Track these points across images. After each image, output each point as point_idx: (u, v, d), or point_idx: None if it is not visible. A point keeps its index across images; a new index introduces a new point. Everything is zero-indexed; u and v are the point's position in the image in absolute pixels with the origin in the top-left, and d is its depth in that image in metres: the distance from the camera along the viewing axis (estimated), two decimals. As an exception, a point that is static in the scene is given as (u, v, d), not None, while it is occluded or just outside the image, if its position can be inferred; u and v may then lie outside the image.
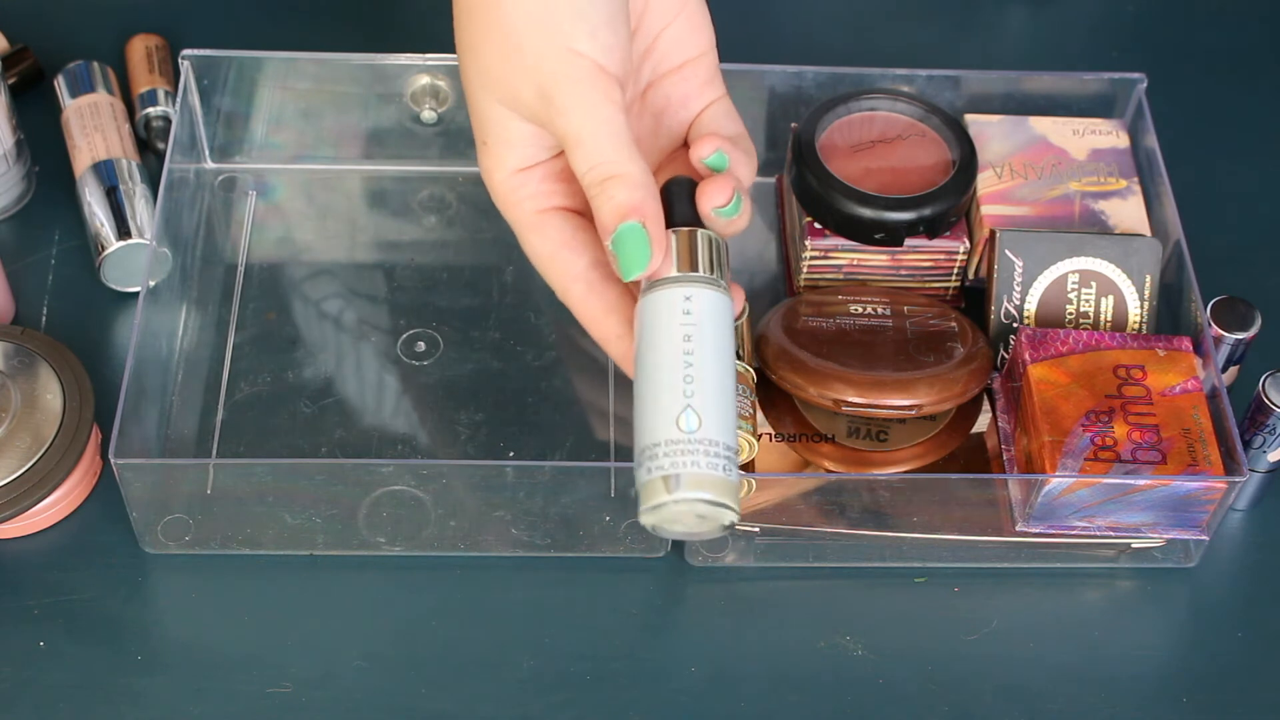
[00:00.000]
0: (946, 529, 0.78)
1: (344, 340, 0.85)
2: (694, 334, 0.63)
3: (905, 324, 0.82)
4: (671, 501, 0.62)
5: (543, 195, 0.68)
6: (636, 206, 0.63)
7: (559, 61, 0.63)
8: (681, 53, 0.69)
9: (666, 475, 0.62)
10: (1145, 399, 0.77)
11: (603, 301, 0.67)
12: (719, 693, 0.75)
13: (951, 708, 0.75)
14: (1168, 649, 0.78)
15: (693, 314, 0.64)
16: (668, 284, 0.64)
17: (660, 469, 0.62)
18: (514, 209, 0.68)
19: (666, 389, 0.63)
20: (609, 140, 0.64)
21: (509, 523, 0.77)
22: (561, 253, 0.67)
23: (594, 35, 0.64)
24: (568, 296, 0.68)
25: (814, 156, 0.84)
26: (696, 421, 0.62)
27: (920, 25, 1.01)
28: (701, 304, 0.64)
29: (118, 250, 0.84)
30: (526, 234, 0.68)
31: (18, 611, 0.76)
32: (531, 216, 0.67)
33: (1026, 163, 0.86)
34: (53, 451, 0.77)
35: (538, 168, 0.67)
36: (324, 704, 0.74)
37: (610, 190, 0.63)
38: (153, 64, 0.93)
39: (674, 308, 0.64)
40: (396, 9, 0.99)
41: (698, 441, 0.62)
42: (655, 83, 0.69)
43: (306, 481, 0.76)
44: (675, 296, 0.64)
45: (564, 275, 0.67)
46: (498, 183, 0.68)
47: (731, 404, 0.64)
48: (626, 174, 0.63)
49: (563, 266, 0.67)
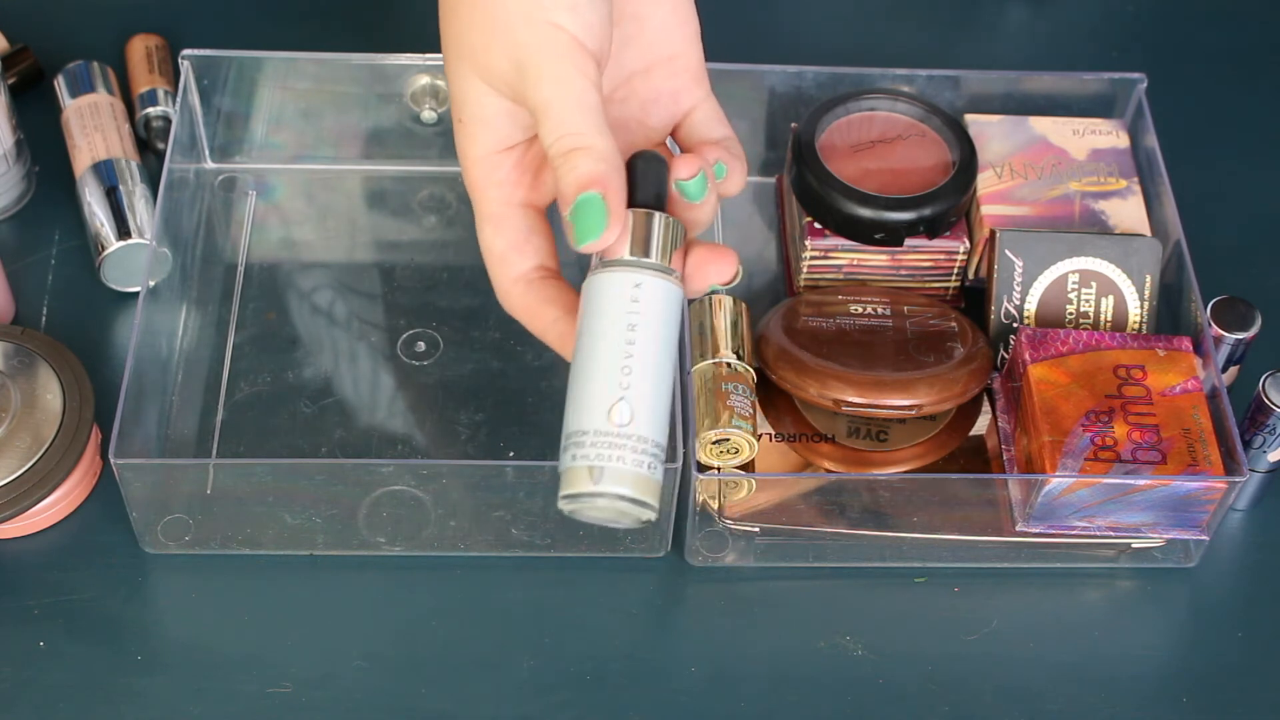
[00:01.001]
0: (946, 529, 0.78)
1: (344, 340, 0.85)
2: (639, 324, 0.62)
3: (905, 324, 0.82)
4: (591, 494, 0.61)
5: (511, 184, 0.67)
6: (599, 178, 0.62)
7: (537, 33, 0.63)
8: (669, 44, 0.69)
9: (591, 466, 0.61)
10: (1145, 399, 0.77)
11: (540, 295, 0.67)
12: (719, 693, 0.75)
13: (951, 708, 0.75)
14: (1168, 649, 0.78)
15: (640, 302, 0.62)
16: (620, 266, 0.63)
17: (585, 458, 0.61)
18: (482, 196, 0.67)
19: (603, 377, 0.62)
20: (579, 111, 0.63)
21: (509, 523, 0.77)
22: (511, 254, 0.67)
23: (574, 10, 0.64)
24: (508, 297, 0.67)
25: (814, 156, 0.84)
26: (629, 415, 0.61)
27: (920, 25, 1.01)
28: (651, 293, 0.63)
29: (118, 250, 0.84)
30: (485, 225, 0.68)
31: (18, 611, 0.76)
32: (496, 207, 0.67)
33: (1026, 163, 0.86)
34: (53, 451, 0.77)
35: (511, 152, 0.67)
36: (324, 704, 0.74)
37: (574, 160, 0.63)
38: (153, 64, 0.93)
39: (622, 294, 0.63)
40: (396, 9, 0.99)
41: (627, 436, 0.61)
42: (643, 72, 0.69)
43: (306, 481, 0.76)
44: (625, 281, 0.63)
45: (507, 276, 0.67)
46: (472, 162, 0.67)
47: (666, 401, 0.63)
48: (593, 146, 0.63)
49: (509, 267, 0.67)
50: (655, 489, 0.62)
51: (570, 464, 0.61)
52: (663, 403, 0.62)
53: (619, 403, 0.61)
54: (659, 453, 0.62)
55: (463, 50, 0.66)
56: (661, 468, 0.62)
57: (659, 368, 0.62)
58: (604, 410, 0.61)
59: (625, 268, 0.63)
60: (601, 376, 0.62)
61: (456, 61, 0.66)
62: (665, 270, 0.63)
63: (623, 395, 0.61)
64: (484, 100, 0.66)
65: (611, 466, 0.61)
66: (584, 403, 0.62)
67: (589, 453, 0.61)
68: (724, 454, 0.77)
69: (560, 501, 0.62)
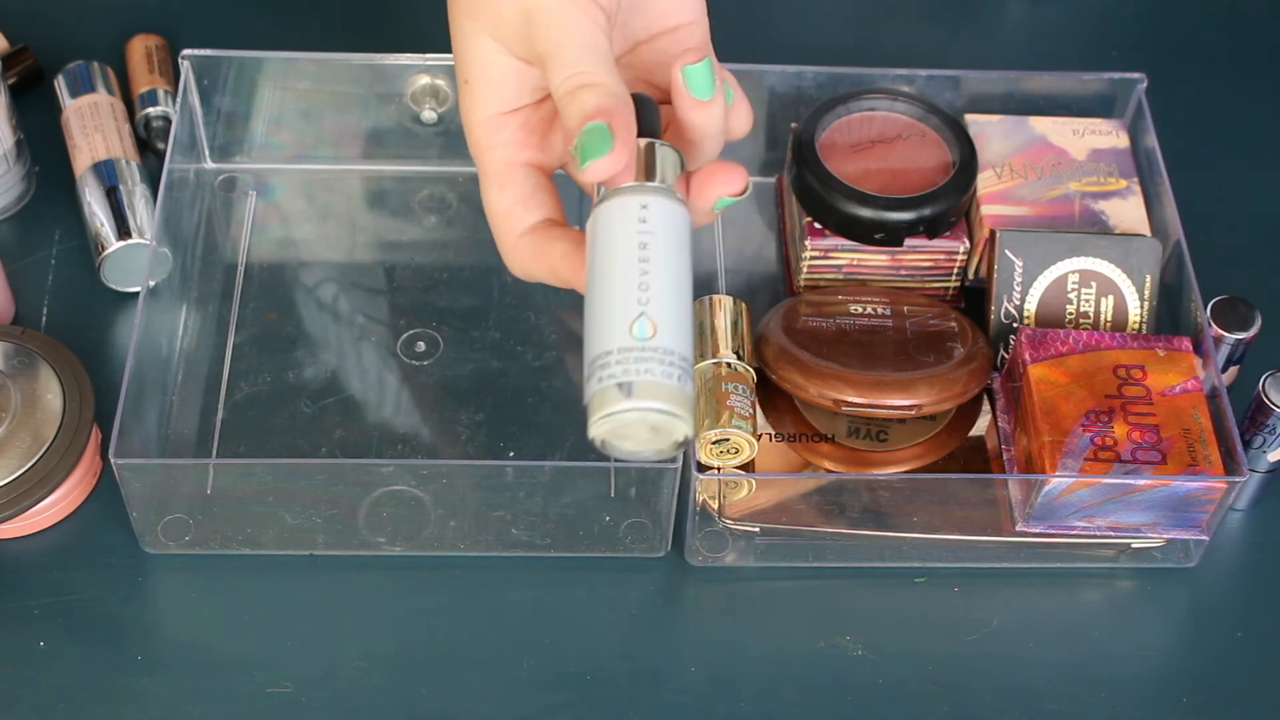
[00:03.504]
0: (946, 529, 0.78)
1: (344, 340, 0.85)
2: (650, 242, 0.61)
3: (905, 324, 0.82)
4: (623, 410, 0.59)
5: (516, 144, 0.67)
6: (606, 109, 0.62)
7: None
8: (676, 15, 0.68)
9: (620, 383, 0.59)
10: (1145, 399, 0.77)
11: (547, 237, 0.66)
12: (719, 693, 0.75)
13: (951, 708, 0.75)
14: (1168, 649, 0.78)
15: (649, 222, 0.62)
16: (624, 192, 0.62)
17: (612, 377, 0.59)
18: (486, 154, 0.67)
19: (620, 296, 0.61)
20: (588, 54, 0.63)
21: (509, 523, 0.77)
22: (516, 209, 0.66)
23: None
24: (515, 252, 0.66)
25: (814, 156, 0.84)
26: (651, 329, 0.60)
27: (920, 25, 1.01)
28: (658, 212, 0.62)
29: (118, 250, 0.84)
30: (490, 183, 0.67)
31: (18, 611, 0.76)
32: (500, 165, 0.67)
33: (1026, 163, 0.86)
34: (53, 451, 0.77)
35: (517, 114, 0.67)
36: (324, 704, 0.74)
37: (582, 96, 0.62)
38: (153, 64, 0.93)
39: (629, 215, 0.62)
40: (396, 9, 0.99)
41: (652, 349, 0.59)
42: (648, 42, 0.69)
43: (306, 481, 0.76)
44: (631, 204, 0.62)
45: (513, 232, 0.66)
46: (475, 124, 0.67)
47: (688, 315, 0.61)
48: (602, 83, 0.62)
49: (514, 223, 0.66)
50: (688, 402, 0.60)
51: (597, 388, 0.60)
52: (684, 316, 0.61)
53: (639, 318, 0.60)
54: (686, 366, 0.60)
55: (471, 5, 0.65)
56: (691, 382, 0.60)
57: (676, 282, 0.61)
58: (625, 328, 0.60)
59: (630, 192, 0.62)
60: (619, 296, 0.61)
61: (464, 19, 0.66)
62: (670, 193, 0.63)
63: (642, 310, 0.60)
64: (490, 60, 0.66)
65: (641, 380, 0.59)
66: (604, 325, 0.60)
67: (615, 371, 0.59)
68: (724, 454, 0.77)
69: (592, 428, 0.60)
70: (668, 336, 0.60)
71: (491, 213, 0.67)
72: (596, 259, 0.62)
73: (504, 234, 0.67)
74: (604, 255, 0.62)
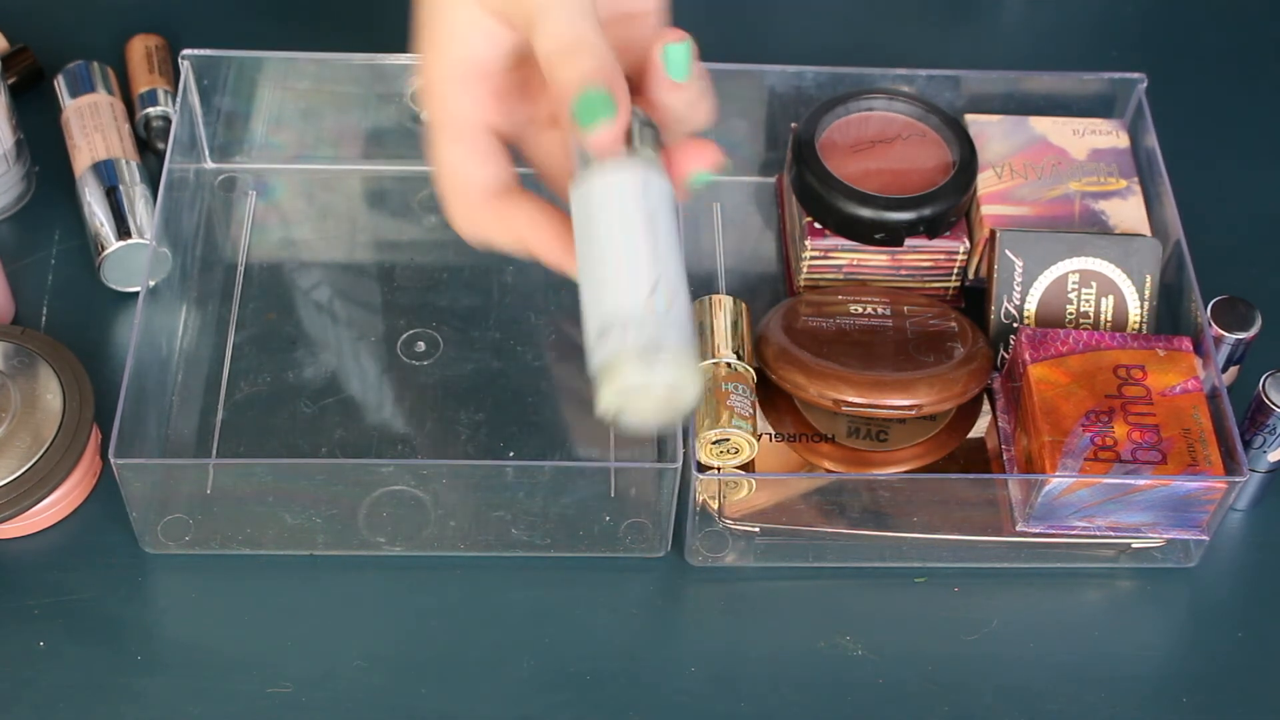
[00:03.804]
0: (946, 529, 0.78)
1: (344, 340, 0.85)
2: (657, 214, 0.61)
3: (905, 324, 0.82)
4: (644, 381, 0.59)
5: (476, 104, 0.65)
6: (604, 74, 0.61)
7: None
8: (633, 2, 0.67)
9: (642, 348, 0.59)
10: (1145, 399, 0.77)
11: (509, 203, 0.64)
12: (719, 693, 0.75)
13: (951, 708, 0.75)
14: (1168, 649, 0.78)
15: (651, 195, 0.61)
16: (630, 163, 0.62)
17: (634, 343, 0.59)
18: (440, 108, 0.64)
19: (633, 265, 0.60)
20: (579, 15, 0.62)
21: (509, 523, 0.77)
22: (470, 165, 0.64)
23: None
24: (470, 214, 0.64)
25: (814, 156, 0.84)
26: (666, 301, 0.60)
27: (920, 25, 1.01)
28: (659, 186, 0.62)
29: (118, 250, 0.84)
30: (442, 136, 0.65)
31: (18, 611, 0.76)
32: (457, 122, 0.64)
33: (1026, 163, 0.86)
34: (53, 451, 0.77)
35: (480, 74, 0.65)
36: (324, 704, 0.74)
37: (578, 57, 0.61)
38: (153, 64, 0.93)
39: (637, 186, 0.61)
40: (396, 9, 0.98)
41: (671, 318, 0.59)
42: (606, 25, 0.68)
43: (306, 481, 0.76)
44: (637, 176, 0.61)
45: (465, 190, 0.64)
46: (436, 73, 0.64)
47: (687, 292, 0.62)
48: (596, 44, 0.61)
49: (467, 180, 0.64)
50: (698, 371, 0.61)
51: (616, 351, 0.59)
52: (686, 292, 0.61)
53: (656, 290, 0.60)
54: (693, 337, 0.60)
55: None
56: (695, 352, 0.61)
57: (678, 256, 0.61)
58: (642, 297, 0.59)
59: (636, 164, 0.62)
60: (632, 265, 0.60)
61: None
62: (662, 167, 0.63)
63: (658, 280, 0.60)
64: (458, 12, 0.64)
65: (669, 344, 0.59)
66: (616, 294, 0.60)
67: (632, 337, 0.59)
68: (724, 454, 0.77)
69: (606, 397, 0.59)
70: (680, 308, 0.60)
71: (441, 166, 0.65)
72: (603, 228, 0.61)
73: (455, 192, 0.65)
74: (611, 225, 0.61)
